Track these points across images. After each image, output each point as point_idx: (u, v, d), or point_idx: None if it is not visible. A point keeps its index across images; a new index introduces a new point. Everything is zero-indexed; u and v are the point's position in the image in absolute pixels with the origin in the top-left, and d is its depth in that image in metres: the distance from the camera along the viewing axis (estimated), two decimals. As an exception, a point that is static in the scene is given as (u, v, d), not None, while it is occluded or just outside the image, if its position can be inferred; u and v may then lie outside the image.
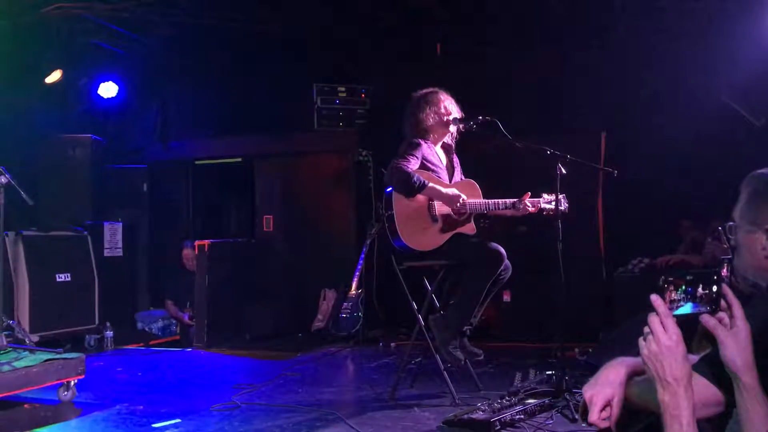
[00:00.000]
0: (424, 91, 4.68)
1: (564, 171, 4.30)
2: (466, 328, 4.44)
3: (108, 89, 8.18)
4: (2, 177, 4.62)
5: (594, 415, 1.86)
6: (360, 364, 5.91)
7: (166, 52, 7.95)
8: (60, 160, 7.16)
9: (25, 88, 7.27)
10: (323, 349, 6.59)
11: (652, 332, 1.67)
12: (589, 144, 6.39)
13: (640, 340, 1.71)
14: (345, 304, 7.04)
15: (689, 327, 1.81)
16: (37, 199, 5.04)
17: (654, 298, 1.69)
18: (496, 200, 4.50)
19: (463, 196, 4.43)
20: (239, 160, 8.47)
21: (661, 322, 1.67)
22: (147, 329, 7.69)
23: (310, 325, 7.36)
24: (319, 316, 7.34)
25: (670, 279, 1.74)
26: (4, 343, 4.64)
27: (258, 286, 7.55)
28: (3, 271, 4.85)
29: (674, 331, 1.66)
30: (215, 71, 8.30)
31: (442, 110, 4.60)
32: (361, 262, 7.08)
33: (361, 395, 4.75)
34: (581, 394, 3.88)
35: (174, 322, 7.83)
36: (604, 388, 1.90)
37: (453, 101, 4.66)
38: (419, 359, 5.02)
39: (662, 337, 1.66)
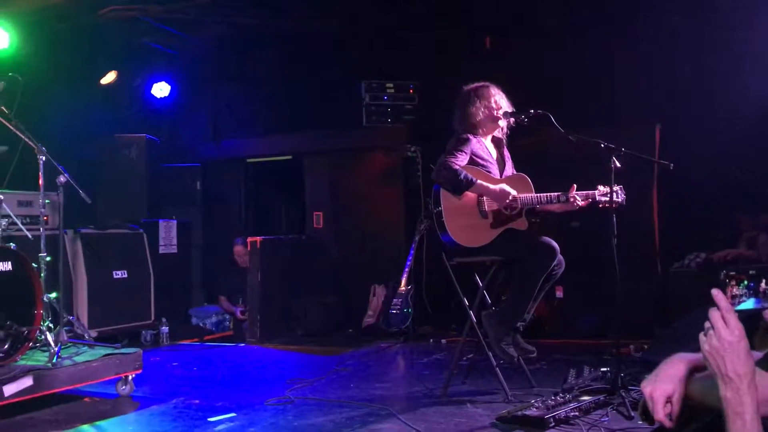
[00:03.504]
0: (475, 84, 4.64)
1: (618, 164, 4.21)
2: (518, 324, 4.40)
3: (161, 89, 8.36)
4: (62, 176, 4.74)
5: (660, 413, 1.81)
6: (411, 360, 5.91)
7: (217, 52, 8.07)
8: (116, 159, 7.32)
9: (81, 90, 7.47)
10: (374, 345, 6.61)
11: (713, 327, 1.63)
12: (644, 137, 6.27)
13: (701, 335, 1.66)
14: (395, 300, 7.04)
15: (752, 322, 1.77)
16: (94, 197, 5.15)
17: (715, 292, 1.65)
18: (540, 194, 4.45)
19: (513, 192, 4.37)
20: (289, 157, 8.54)
21: (723, 317, 1.63)
22: (201, 324, 7.82)
23: (360, 321, 7.38)
24: (370, 312, 7.36)
25: (732, 274, 1.70)
26: (65, 338, 4.76)
27: (309, 282, 7.61)
28: (62, 268, 4.98)
29: (736, 327, 1.62)
30: (266, 70, 8.39)
31: (493, 104, 4.55)
32: (410, 258, 7.08)
33: (413, 391, 4.74)
34: (638, 391, 3.84)
35: (227, 317, 7.95)
36: (664, 384, 1.86)
37: (504, 95, 4.62)
38: (471, 356, 5.00)
39: (724, 333, 1.62)
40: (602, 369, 4.50)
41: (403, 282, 7.08)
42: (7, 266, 4.30)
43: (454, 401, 4.36)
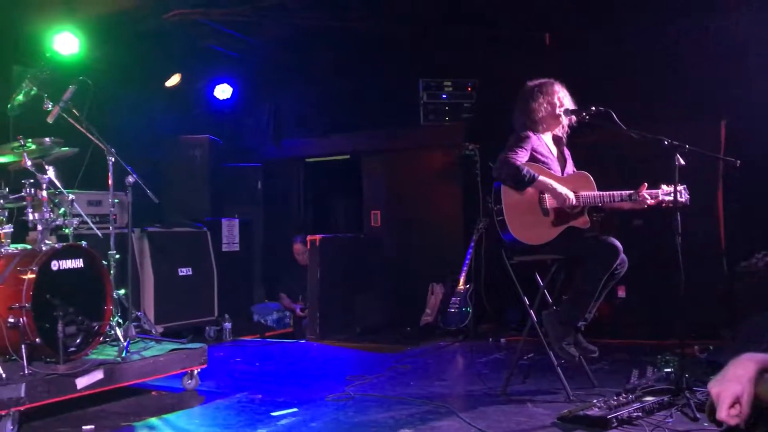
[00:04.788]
0: (538, 81, 4.60)
1: (682, 162, 4.13)
2: (580, 323, 4.36)
3: (223, 91, 8.55)
4: (130, 177, 4.88)
5: (723, 412, 1.79)
6: (470, 358, 5.90)
7: (277, 54, 8.20)
8: (180, 159, 7.50)
9: (147, 92, 7.69)
10: (432, 343, 6.62)
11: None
12: (709, 133, 6.13)
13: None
14: (453, 298, 7.05)
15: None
16: (159, 197, 5.27)
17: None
18: (611, 192, 4.38)
19: (572, 198, 4.32)
20: (348, 157, 8.62)
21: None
22: (262, 321, 7.96)
23: (418, 319, 7.40)
24: (428, 311, 7.37)
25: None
26: (134, 333, 4.90)
27: (367, 279, 7.67)
28: (130, 265, 5.13)
29: (810, 327, 1.58)
30: (324, 70, 8.49)
31: (555, 101, 4.51)
32: (468, 256, 7.07)
33: (473, 389, 4.74)
34: (703, 393, 3.77)
35: (288, 314, 8.07)
36: (732, 384, 1.83)
37: (566, 92, 4.58)
38: (531, 355, 4.97)
39: (797, 333, 1.58)
40: (666, 370, 4.43)
41: (462, 281, 7.08)
42: (78, 263, 4.45)
43: (515, 400, 4.34)
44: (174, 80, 7.99)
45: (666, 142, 4.16)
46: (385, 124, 8.17)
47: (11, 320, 4.03)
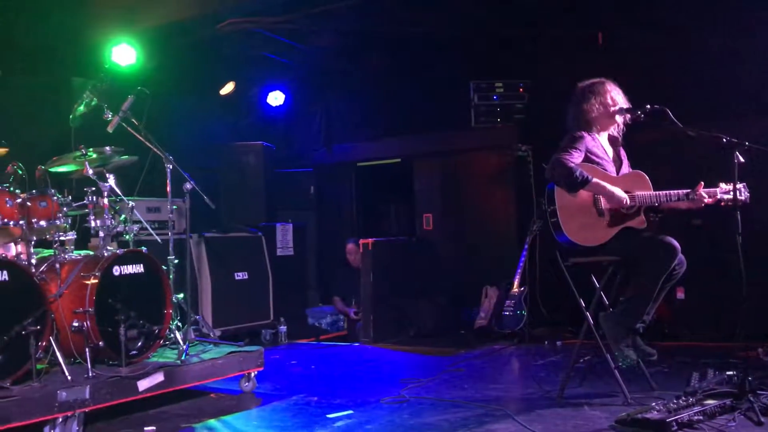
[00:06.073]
0: (590, 81, 4.55)
1: (742, 159, 4.03)
2: (638, 326, 4.28)
3: (276, 98, 8.68)
4: (188, 183, 5.00)
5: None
6: (526, 362, 5.85)
7: (328, 59, 8.28)
8: (235, 166, 7.63)
9: (203, 100, 7.85)
10: (487, 346, 6.59)
11: None
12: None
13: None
14: (508, 301, 7.00)
15: None
16: (216, 203, 5.37)
17: None
18: (667, 192, 4.29)
19: (626, 199, 4.26)
20: (399, 160, 8.65)
21: None
22: (317, 324, 8.04)
23: (472, 322, 7.37)
24: (482, 314, 7.33)
25: None
26: (192, 336, 5.02)
27: (420, 283, 7.67)
28: (189, 270, 5.23)
29: None
30: (374, 75, 8.53)
31: (609, 101, 4.45)
32: (523, 258, 7.02)
33: (529, 392, 4.71)
34: (768, 395, 3.67)
35: (341, 317, 8.13)
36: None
37: (620, 91, 4.50)
38: (588, 358, 4.90)
39: None
40: (728, 372, 4.31)
41: (516, 283, 7.03)
42: (139, 269, 4.57)
43: (572, 403, 4.30)
44: (228, 88, 8.15)
45: (725, 140, 4.07)
46: (436, 126, 8.17)
47: (75, 324, 4.18)
